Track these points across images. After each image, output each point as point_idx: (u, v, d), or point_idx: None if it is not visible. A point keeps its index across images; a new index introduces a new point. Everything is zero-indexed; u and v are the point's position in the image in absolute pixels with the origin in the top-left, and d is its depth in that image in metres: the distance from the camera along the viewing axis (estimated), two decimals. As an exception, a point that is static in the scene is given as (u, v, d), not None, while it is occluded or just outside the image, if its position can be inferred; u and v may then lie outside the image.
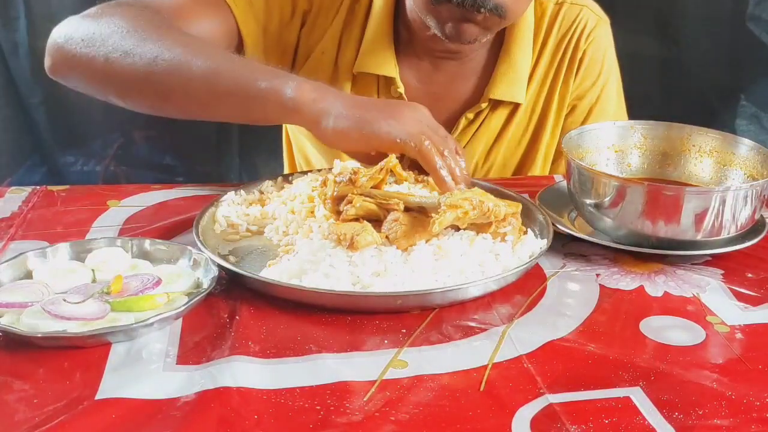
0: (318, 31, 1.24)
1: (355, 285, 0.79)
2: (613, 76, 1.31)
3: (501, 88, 1.23)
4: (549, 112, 1.27)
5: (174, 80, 1.02)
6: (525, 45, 1.24)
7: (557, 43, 1.27)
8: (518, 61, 1.24)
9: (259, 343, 0.73)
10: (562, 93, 1.27)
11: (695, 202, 0.88)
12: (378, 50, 1.22)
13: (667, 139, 1.05)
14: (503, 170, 1.29)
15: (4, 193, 1.06)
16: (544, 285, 0.85)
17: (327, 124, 0.97)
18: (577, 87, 1.28)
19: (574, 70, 1.27)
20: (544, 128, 1.27)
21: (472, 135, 1.26)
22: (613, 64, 1.31)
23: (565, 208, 1.01)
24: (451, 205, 0.83)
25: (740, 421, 0.64)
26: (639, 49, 1.98)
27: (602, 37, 1.29)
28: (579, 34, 1.27)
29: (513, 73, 1.24)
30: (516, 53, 1.24)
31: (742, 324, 0.79)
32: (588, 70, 1.28)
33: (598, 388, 0.68)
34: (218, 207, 0.96)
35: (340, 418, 0.63)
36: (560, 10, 1.28)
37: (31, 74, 1.94)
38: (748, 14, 2.03)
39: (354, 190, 0.88)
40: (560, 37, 1.27)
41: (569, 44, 1.27)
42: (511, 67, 1.24)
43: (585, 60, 1.27)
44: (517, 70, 1.24)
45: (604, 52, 1.29)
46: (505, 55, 1.24)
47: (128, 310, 0.74)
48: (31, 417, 0.62)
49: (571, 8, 1.28)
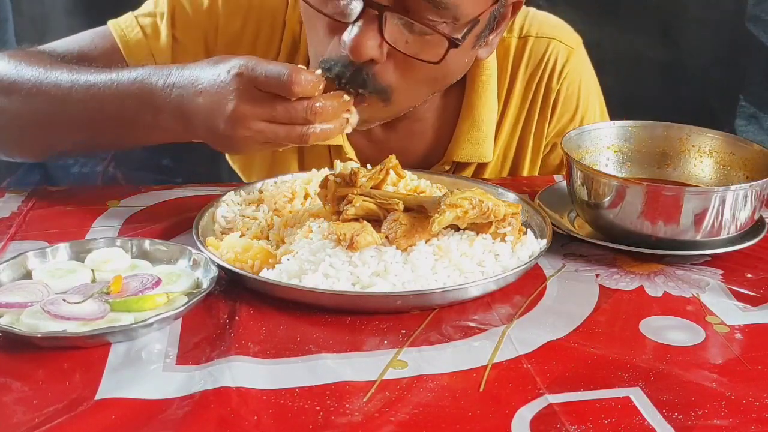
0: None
1: (354, 285, 0.79)
2: (593, 97, 1.22)
3: (465, 149, 1.13)
4: (522, 161, 1.18)
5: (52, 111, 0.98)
6: (489, 98, 1.12)
7: (525, 86, 1.16)
8: (483, 117, 1.12)
9: (259, 343, 0.73)
10: (536, 139, 1.18)
11: (695, 202, 0.88)
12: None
13: (666, 139, 1.05)
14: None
15: (4, 193, 1.06)
16: (543, 285, 0.85)
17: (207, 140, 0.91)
18: (554, 126, 1.19)
19: (548, 114, 1.17)
20: (519, 175, 1.19)
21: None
22: (591, 87, 1.21)
23: (565, 208, 1.01)
24: (451, 204, 0.83)
25: (740, 421, 0.64)
26: (639, 50, 1.98)
27: (576, 70, 1.17)
28: (549, 72, 1.15)
29: (478, 132, 1.12)
30: (480, 108, 1.12)
31: (741, 324, 0.79)
32: (564, 107, 1.18)
33: (597, 389, 0.68)
34: (218, 207, 0.96)
35: (340, 418, 0.63)
36: (525, 46, 1.15)
37: None
38: (747, 15, 2.03)
39: (354, 190, 0.88)
40: (528, 78, 1.16)
41: (540, 85, 1.16)
42: (475, 125, 1.12)
43: (560, 100, 1.17)
44: (483, 128, 1.12)
45: (579, 82, 1.18)
46: (468, 111, 1.12)
47: (128, 310, 0.74)
48: (30, 417, 0.62)
49: (537, 43, 1.15)
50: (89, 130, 0.99)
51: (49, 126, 1.00)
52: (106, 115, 0.96)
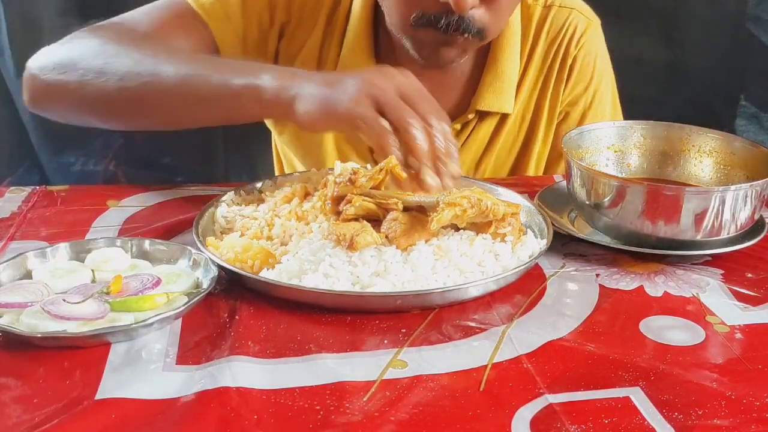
0: (297, 42, 1.21)
1: (354, 285, 0.79)
2: (606, 77, 1.28)
3: (488, 98, 1.21)
4: (539, 121, 1.25)
5: (147, 93, 1.00)
6: (512, 53, 1.21)
7: (546, 50, 1.24)
8: (506, 70, 1.21)
9: (259, 343, 0.73)
10: (552, 101, 1.25)
11: (695, 202, 0.88)
12: (357, 60, 1.19)
13: (666, 139, 1.05)
14: None
15: (4, 193, 1.06)
16: (543, 285, 0.85)
17: (299, 109, 0.93)
18: (569, 94, 1.26)
19: (564, 78, 1.24)
20: (535, 137, 1.25)
21: (461, 146, 1.23)
22: (606, 66, 1.28)
23: (564, 208, 1.01)
24: (450, 203, 0.83)
25: (740, 421, 0.64)
26: (640, 50, 1.98)
27: (593, 41, 1.25)
28: (569, 39, 1.24)
29: (500, 83, 1.21)
30: (503, 62, 1.21)
31: (741, 324, 0.79)
32: (579, 76, 1.25)
33: (597, 388, 0.68)
34: (218, 207, 0.96)
35: (340, 418, 0.63)
36: (548, 14, 1.24)
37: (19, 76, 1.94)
38: (748, 14, 2.04)
39: (353, 190, 0.88)
40: (549, 43, 1.24)
41: (558, 50, 1.24)
42: (498, 77, 1.21)
43: (576, 66, 1.24)
44: (505, 80, 1.21)
45: (595, 55, 1.26)
46: (492, 64, 1.21)
47: (128, 310, 0.74)
48: (30, 417, 0.62)
49: (559, 12, 1.24)
50: (186, 120, 1.05)
51: (141, 112, 1.04)
52: (205, 107, 1.00)
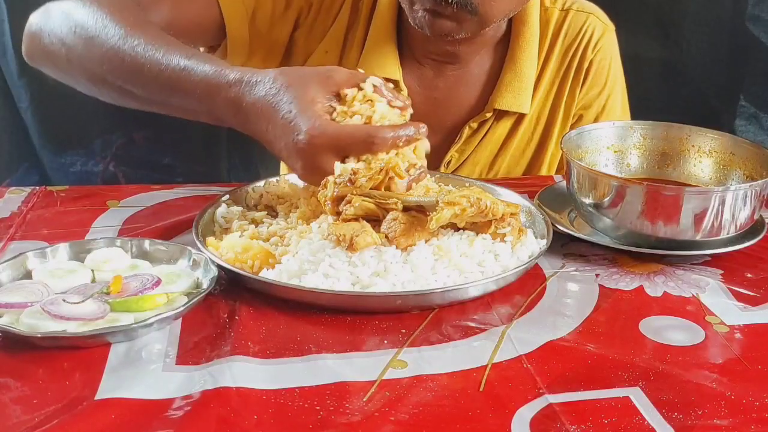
0: (318, 31, 1.23)
1: (354, 285, 0.79)
2: (619, 84, 1.30)
3: (507, 98, 1.22)
4: (555, 122, 1.26)
5: (130, 72, 1.00)
6: (531, 53, 1.23)
7: (564, 52, 1.26)
8: (524, 70, 1.22)
9: (259, 343, 0.73)
10: (568, 103, 1.26)
11: (695, 202, 0.88)
12: (381, 52, 1.21)
13: (666, 140, 1.05)
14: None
15: (4, 193, 1.06)
16: (543, 285, 0.85)
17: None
18: (584, 97, 1.27)
19: (581, 80, 1.26)
20: (550, 138, 1.26)
21: (477, 144, 1.24)
22: (619, 72, 1.30)
23: (564, 208, 1.01)
24: (449, 202, 0.83)
25: (740, 421, 0.64)
26: (640, 50, 1.98)
27: (609, 46, 1.28)
28: (586, 43, 1.26)
29: (519, 83, 1.22)
30: (522, 62, 1.22)
31: (741, 324, 0.79)
32: (594, 79, 1.27)
33: (597, 388, 0.68)
34: (218, 207, 0.96)
35: (340, 418, 0.63)
36: (566, 18, 1.26)
37: (21, 76, 1.94)
38: (747, 14, 2.03)
39: (353, 191, 0.88)
40: (567, 46, 1.26)
41: (576, 53, 1.26)
42: (517, 77, 1.22)
43: (592, 70, 1.26)
44: (523, 80, 1.22)
45: (610, 60, 1.28)
46: (511, 63, 1.22)
47: (128, 310, 0.74)
48: (30, 417, 0.62)
49: (577, 16, 1.26)
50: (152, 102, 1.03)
51: (116, 86, 1.04)
52: (172, 100, 1.00)
